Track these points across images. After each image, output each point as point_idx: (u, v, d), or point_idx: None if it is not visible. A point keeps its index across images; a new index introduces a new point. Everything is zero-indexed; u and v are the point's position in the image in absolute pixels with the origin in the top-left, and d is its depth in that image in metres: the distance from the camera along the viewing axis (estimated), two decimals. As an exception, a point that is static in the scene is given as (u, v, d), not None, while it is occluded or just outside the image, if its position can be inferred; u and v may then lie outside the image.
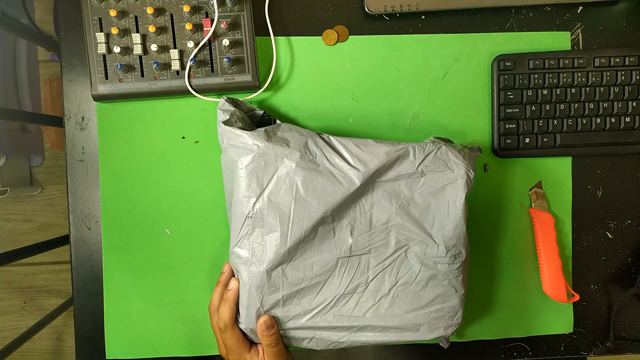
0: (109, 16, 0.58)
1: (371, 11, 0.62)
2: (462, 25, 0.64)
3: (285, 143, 0.51)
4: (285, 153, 0.51)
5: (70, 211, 0.63)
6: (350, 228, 0.52)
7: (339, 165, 0.51)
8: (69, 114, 0.63)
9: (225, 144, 0.52)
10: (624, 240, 0.66)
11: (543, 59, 0.62)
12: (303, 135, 0.52)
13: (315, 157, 0.51)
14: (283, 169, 0.51)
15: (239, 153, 0.51)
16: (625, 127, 0.63)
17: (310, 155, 0.51)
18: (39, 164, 1.44)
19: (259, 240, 0.51)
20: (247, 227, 0.51)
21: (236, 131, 0.51)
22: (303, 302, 0.52)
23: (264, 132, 0.52)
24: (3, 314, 1.46)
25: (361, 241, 0.52)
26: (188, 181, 0.63)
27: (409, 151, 0.52)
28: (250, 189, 0.51)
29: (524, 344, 0.66)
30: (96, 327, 0.63)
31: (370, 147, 0.52)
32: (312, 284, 0.52)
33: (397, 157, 0.52)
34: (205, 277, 0.63)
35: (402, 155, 0.52)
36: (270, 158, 0.51)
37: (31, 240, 1.05)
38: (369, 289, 0.53)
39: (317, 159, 0.51)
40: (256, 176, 0.51)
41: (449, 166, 0.52)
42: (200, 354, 0.64)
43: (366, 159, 0.51)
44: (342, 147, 0.52)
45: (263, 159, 0.51)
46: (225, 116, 0.53)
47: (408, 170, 0.52)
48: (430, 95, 0.64)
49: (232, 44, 0.59)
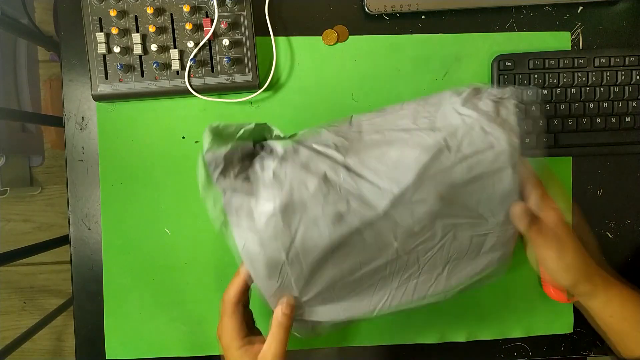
0: (109, 16, 0.58)
1: (371, 11, 0.62)
2: (462, 25, 0.64)
3: (303, 184, 0.44)
4: (305, 199, 0.43)
5: (70, 211, 0.63)
6: (392, 233, 0.46)
7: (366, 196, 0.44)
8: (69, 114, 0.63)
9: (233, 216, 0.44)
10: (625, 241, 0.66)
11: (543, 59, 0.62)
12: (319, 167, 0.44)
13: (340, 190, 0.44)
14: (308, 215, 0.44)
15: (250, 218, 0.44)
16: (625, 127, 0.63)
17: (333, 190, 0.44)
18: (39, 164, 1.44)
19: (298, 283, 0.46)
20: (285, 274, 0.45)
21: (242, 200, 0.44)
22: (363, 303, 0.49)
23: (275, 181, 0.44)
24: (3, 314, 1.46)
25: (407, 241, 0.46)
26: (188, 181, 0.63)
27: (442, 149, 0.44)
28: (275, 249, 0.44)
29: (524, 344, 0.66)
30: (96, 327, 0.63)
31: (397, 160, 0.44)
32: (364, 288, 0.48)
33: (430, 161, 0.44)
34: (205, 277, 0.63)
35: (435, 156, 0.44)
36: (290, 212, 0.43)
37: (31, 240, 1.05)
38: (422, 274, 0.49)
39: (342, 192, 0.44)
40: (280, 233, 0.44)
41: (488, 142, 0.45)
42: (200, 354, 0.64)
43: (395, 176, 0.44)
44: (365, 169, 0.45)
45: (281, 217, 0.43)
46: (218, 166, 0.43)
47: (445, 165, 0.45)
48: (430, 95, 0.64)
49: (232, 43, 0.59)
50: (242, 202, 0.44)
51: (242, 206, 0.44)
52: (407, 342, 0.65)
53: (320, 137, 0.47)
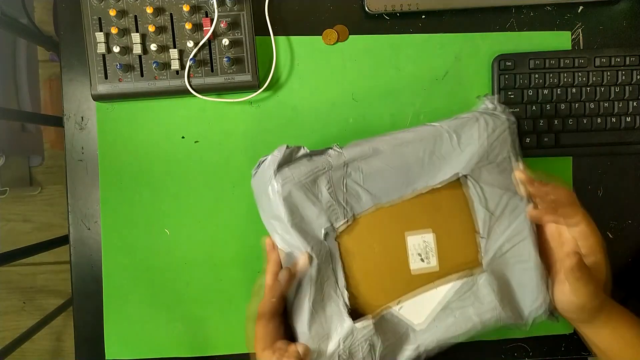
0: (108, 16, 0.58)
1: (371, 11, 0.62)
2: (462, 25, 0.64)
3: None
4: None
5: (69, 211, 0.63)
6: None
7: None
8: (69, 114, 0.63)
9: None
10: (625, 241, 0.66)
11: (543, 59, 0.62)
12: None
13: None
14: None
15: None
16: (625, 127, 0.63)
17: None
18: (39, 163, 1.44)
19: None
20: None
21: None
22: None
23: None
24: (3, 314, 1.46)
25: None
26: (188, 181, 0.63)
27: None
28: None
29: (525, 344, 0.66)
30: (96, 327, 0.63)
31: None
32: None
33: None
34: (205, 277, 0.63)
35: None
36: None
37: (31, 240, 1.05)
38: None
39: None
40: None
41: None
42: (200, 354, 0.64)
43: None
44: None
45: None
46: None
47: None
48: (430, 95, 0.64)
49: (231, 43, 0.59)
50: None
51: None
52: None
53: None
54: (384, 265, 0.49)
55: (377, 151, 0.49)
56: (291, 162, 0.48)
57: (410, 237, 0.49)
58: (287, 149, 0.48)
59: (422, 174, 0.49)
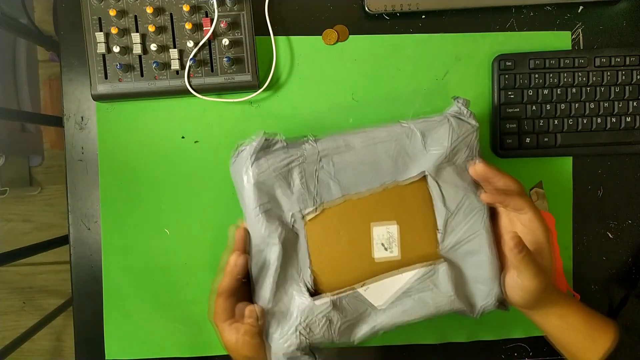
0: (108, 16, 0.58)
1: (371, 11, 0.62)
2: (462, 25, 0.64)
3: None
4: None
5: (69, 211, 0.63)
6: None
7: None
8: (69, 114, 0.63)
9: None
10: (625, 240, 0.66)
11: (544, 59, 0.62)
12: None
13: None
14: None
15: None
16: (626, 127, 0.63)
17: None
18: (39, 163, 1.44)
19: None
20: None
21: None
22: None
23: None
24: (3, 314, 1.46)
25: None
26: (188, 181, 0.63)
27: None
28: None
29: (525, 344, 0.66)
30: (96, 327, 0.63)
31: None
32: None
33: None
34: (205, 277, 0.63)
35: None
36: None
37: (31, 240, 1.05)
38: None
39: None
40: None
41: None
42: (200, 355, 0.64)
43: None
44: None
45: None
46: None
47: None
48: (430, 94, 0.64)
49: (231, 43, 0.59)
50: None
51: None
52: (407, 342, 0.65)
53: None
54: (350, 252, 0.52)
55: (350, 147, 0.52)
56: (268, 150, 0.52)
57: (375, 228, 0.52)
58: (265, 138, 0.51)
59: (390, 171, 0.52)
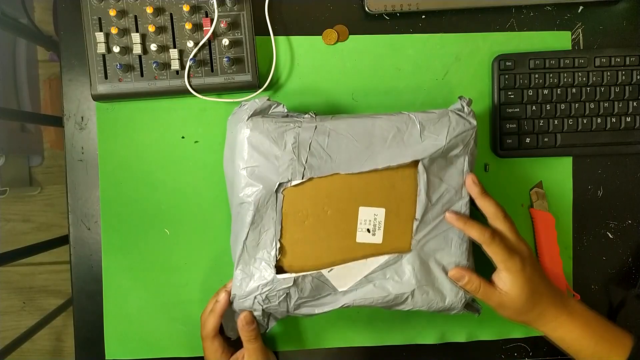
0: (108, 16, 0.58)
1: (371, 10, 0.62)
2: (462, 25, 0.64)
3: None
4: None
5: (69, 211, 0.63)
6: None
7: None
8: (69, 114, 0.63)
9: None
10: (625, 241, 0.66)
11: (543, 59, 0.62)
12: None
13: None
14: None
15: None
16: (625, 127, 0.63)
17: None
18: (39, 163, 1.44)
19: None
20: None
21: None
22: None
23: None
24: (3, 314, 1.46)
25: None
26: (188, 181, 0.63)
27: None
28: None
29: (525, 344, 0.66)
30: (96, 327, 0.63)
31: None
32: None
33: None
34: (204, 277, 0.63)
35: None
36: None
37: (31, 240, 1.05)
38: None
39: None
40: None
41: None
42: (200, 355, 0.64)
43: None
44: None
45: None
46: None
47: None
48: (430, 94, 0.64)
49: (232, 43, 0.59)
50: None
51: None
52: (407, 342, 0.65)
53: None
54: (333, 230, 0.53)
55: (348, 126, 0.52)
56: (268, 114, 0.53)
57: (363, 210, 0.53)
58: (268, 101, 0.53)
59: (383, 154, 0.52)
